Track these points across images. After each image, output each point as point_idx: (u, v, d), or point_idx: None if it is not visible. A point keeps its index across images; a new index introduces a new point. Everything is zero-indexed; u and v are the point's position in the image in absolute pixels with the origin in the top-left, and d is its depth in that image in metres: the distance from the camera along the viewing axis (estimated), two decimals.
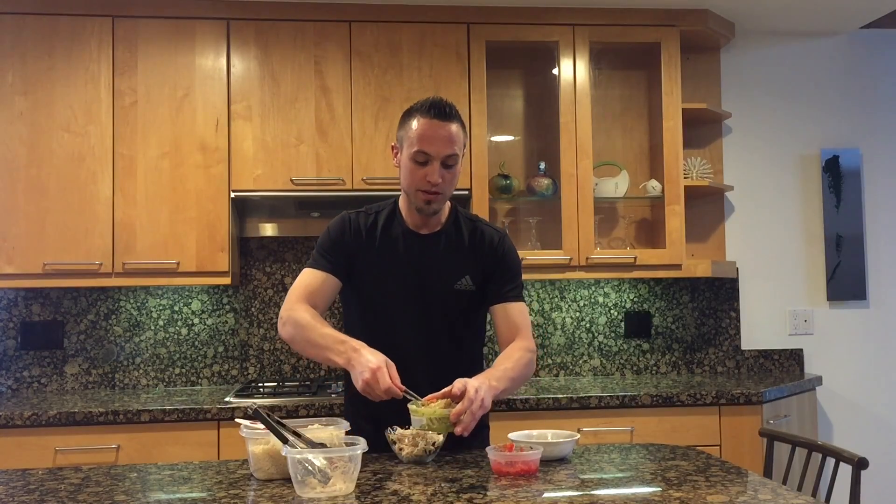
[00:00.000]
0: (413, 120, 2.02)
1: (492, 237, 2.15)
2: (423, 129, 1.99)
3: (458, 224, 2.16)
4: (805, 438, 2.18)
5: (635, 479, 1.76)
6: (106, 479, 1.76)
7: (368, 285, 2.11)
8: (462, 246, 2.13)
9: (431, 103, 2.00)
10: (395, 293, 2.09)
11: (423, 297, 2.08)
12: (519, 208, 3.59)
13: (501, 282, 2.13)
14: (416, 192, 2.04)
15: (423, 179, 2.01)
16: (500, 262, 2.14)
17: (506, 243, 2.16)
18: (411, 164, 2.02)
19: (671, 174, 3.40)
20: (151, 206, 3.14)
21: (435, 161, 2.00)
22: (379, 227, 2.12)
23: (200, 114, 3.18)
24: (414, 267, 2.09)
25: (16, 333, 3.38)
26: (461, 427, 1.80)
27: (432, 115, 1.99)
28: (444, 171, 2.01)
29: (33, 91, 3.12)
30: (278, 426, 1.66)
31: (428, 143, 1.99)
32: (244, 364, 3.49)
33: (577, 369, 3.65)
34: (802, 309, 3.79)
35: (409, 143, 2.01)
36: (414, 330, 2.08)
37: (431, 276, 2.09)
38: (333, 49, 3.25)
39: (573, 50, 3.37)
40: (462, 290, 2.10)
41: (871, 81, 3.88)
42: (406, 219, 2.13)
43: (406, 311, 2.09)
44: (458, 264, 2.11)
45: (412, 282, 2.08)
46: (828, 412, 3.75)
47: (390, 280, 2.09)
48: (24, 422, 2.78)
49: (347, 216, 2.14)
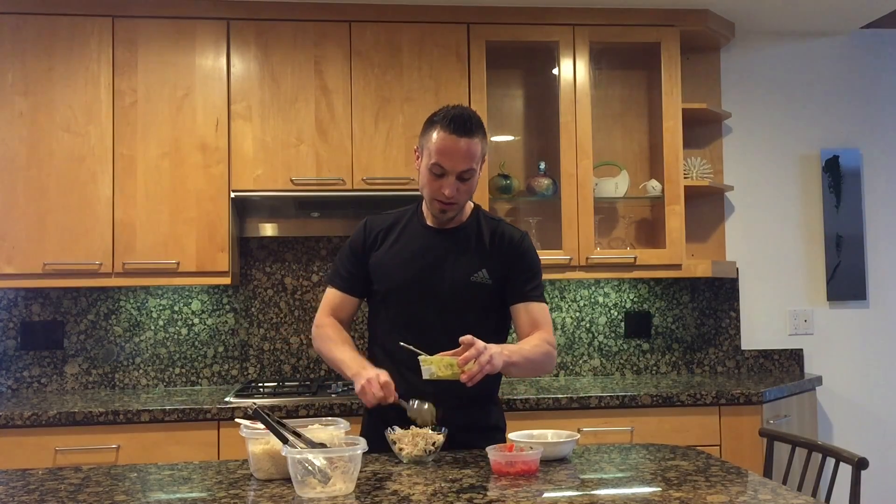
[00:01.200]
0: (434, 131, 2.03)
1: (512, 235, 2.19)
2: (442, 142, 2.01)
3: (479, 222, 2.19)
4: (805, 438, 2.18)
5: (635, 479, 1.76)
6: (106, 479, 1.76)
7: (386, 278, 2.15)
8: (481, 241, 2.16)
9: (452, 116, 2.01)
10: (412, 284, 2.12)
11: (438, 288, 2.10)
12: (519, 208, 3.59)
13: (522, 281, 2.16)
14: (432, 200, 2.08)
15: (438, 190, 2.04)
16: (521, 259, 2.17)
17: (526, 241, 2.20)
18: (429, 173, 2.05)
19: (671, 174, 3.40)
20: (151, 206, 3.14)
21: (450, 175, 2.02)
22: (399, 225, 2.19)
23: (200, 114, 3.18)
24: (430, 258, 2.12)
25: (16, 333, 3.38)
26: (467, 376, 1.84)
27: (451, 129, 2.00)
28: (459, 184, 2.04)
29: (33, 91, 3.12)
30: (278, 426, 1.66)
31: (444, 157, 2.01)
32: (244, 364, 3.49)
33: (577, 369, 3.65)
34: (802, 309, 3.78)
35: (428, 154, 2.04)
36: (430, 321, 2.10)
37: (447, 269, 2.12)
38: (333, 49, 3.25)
39: (573, 50, 3.37)
40: (478, 282, 2.12)
41: (871, 81, 3.88)
42: (426, 217, 2.18)
43: (422, 302, 2.11)
44: (476, 258, 2.14)
45: (428, 273, 2.11)
46: (828, 412, 3.75)
47: (407, 271, 2.13)
48: (24, 422, 2.78)
49: (367, 220, 2.24)
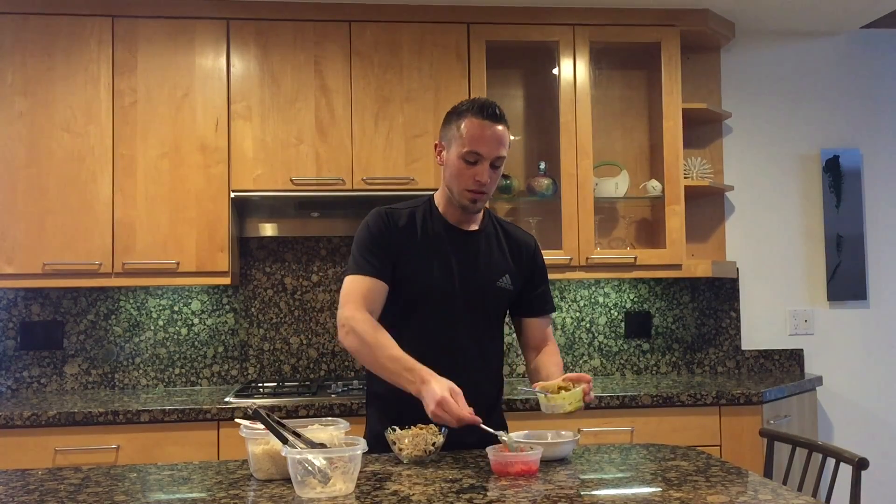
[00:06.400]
0: (464, 120, 2.02)
1: (528, 243, 2.22)
2: (475, 129, 2.00)
3: (494, 225, 2.19)
4: (805, 439, 2.18)
5: (635, 479, 1.75)
6: (106, 480, 1.76)
7: (410, 279, 2.07)
8: (502, 247, 2.16)
9: (483, 104, 2.02)
10: (439, 286, 2.07)
11: (466, 292, 2.08)
12: (519, 208, 3.59)
13: (540, 294, 2.21)
14: (462, 191, 2.04)
15: (471, 179, 2.02)
16: (537, 270, 2.22)
17: (539, 250, 2.24)
18: (461, 162, 2.02)
19: (671, 174, 3.40)
20: (151, 206, 3.14)
21: (485, 161, 2.01)
22: (419, 222, 2.10)
23: (200, 114, 3.18)
24: (459, 261, 2.10)
25: (15, 333, 3.38)
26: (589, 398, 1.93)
27: (484, 115, 2.00)
28: (491, 172, 2.03)
29: (33, 91, 3.12)
30: (278, 426, 1.66)
31: (480, 143, 2.00)
32: (244, 364, 3.49)
33: (578, 369, 3.64)
34: (803, 309, 3.78)
35: (460, 143, 2.01)
36: (460, 325, 2.08)
37: (476, 272, 2.10)
38: (333, 49, 3.25)
39: (573, 50, 3.37)
40: (503, 287, 2.13)
41: (871, 81, 3.88)
42: (445, 215, 2.13)
43: (448, 305, 2.07)
44: (500, 263, 2.14)
45: (457, 276, 2.08)
46: (828, 412, 3.75)
47: (435, 273, 2.07)
48: (23, 422, 2.78)
49: (384, 211, 2.10)
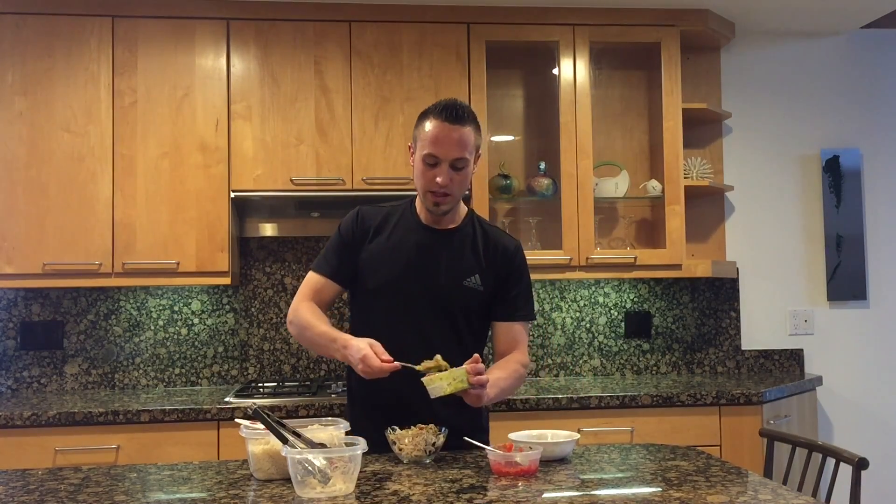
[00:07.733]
0: (426, 121, 2.04)
1: (507, 246, 2.18)
2: (435, 131, 2.01)
3: (474, 227, 2.18)
4: (805, 439, 2.18)
5: (635, 479, 1.76)
6: (106, 480, 1.76)
7: (371, 275, 2.12)
8: (476, 247, 2.15)
9: (444, 106, 2.02)
10: (405, 280, 2.09)
11: (431, 287, 2.09)
12: (519, 208, 3.59)
13: (511, 298, 2.15)
14: (425, 192, 2.07)
15: (432, 180, 2.03)
16: (512, 275, 2.16)
17: (519, 255, 2.19)
18: (422, 164, 2.04)
19: (671, 174, 3.39)
20: (151, 206, 3.14)
21: (443, 163, 2.02)
22: (392, 221, 2.15)
23: (200, 114, 3.18)
24: (424, 258, 2.10)
25: (15, 333, 3.38)
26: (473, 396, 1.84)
27: (444, 117, 2.01)
28: (452, 174, 2.03)
29: (33, 91, 3.12)
30: (278, 426, 1.66)
31: (437, 145, 2.01)
32: (244, 364, 3.49)
33: (578, 369, 3.65)
34: (802, 309, 3.78)
35: (421, 145, 2.04)
36: (420, 319, 2.08)
37: (441, 270, 2.10)
38: (333, 49, 3.25)
39: (573, 50, 3.37)
40: (471, 287, 2.11)
41: (871, 81, 3.88)
42: (420, 215, 2.15)
43: (414, 300, 2.09)
44: (470, 262, 2.13)
45: (422, 271, 2.09)
46: (828, 412, 3.75)
47: (401, 267, 2.10)
48: (23, 422, 2.78)
49: (360, 210, 2.19)
